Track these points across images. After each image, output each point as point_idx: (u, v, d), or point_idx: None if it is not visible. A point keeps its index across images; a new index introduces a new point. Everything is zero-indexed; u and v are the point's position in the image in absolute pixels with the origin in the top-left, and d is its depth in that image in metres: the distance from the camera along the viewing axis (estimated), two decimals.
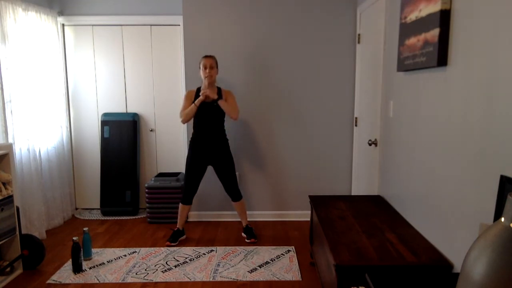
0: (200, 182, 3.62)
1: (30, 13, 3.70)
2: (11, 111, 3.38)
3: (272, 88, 4.02)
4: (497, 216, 1.39)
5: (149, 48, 4.35)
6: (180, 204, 3.60)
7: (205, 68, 3.40)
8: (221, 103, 3.42)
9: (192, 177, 3.52)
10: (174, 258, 3.25)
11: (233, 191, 3.60)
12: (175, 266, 3.10)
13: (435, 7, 1.96)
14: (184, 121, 3.46)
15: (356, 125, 3.96)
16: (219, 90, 3.51)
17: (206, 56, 3.43)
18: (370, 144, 3.21)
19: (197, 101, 3.39)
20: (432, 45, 1.99)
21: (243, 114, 4.05)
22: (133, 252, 3.36)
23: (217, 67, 3.48)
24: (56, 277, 2.94)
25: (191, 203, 3.60)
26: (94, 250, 3.40)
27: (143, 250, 3.40)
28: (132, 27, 4.32)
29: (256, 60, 3.98)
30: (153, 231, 3.87)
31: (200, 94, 3.38)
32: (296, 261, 3.18)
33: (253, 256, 3.27)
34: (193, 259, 3.22)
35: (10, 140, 3.37)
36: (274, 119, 4.07)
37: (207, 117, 3.45)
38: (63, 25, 4.32)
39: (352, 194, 4.12)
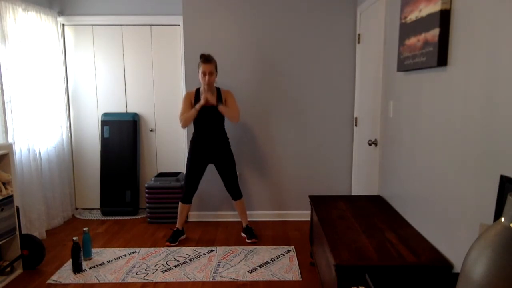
0: (200, 181, 3.61)
1: (30, 13, 3.70)
2: (11, 111, 3.38)
3: (272, 88, 4.02)
4: (497, 216, 1.39)
5: (149, 48, 4.35)
6: (180, 203, 3.60)
7: (204, 74, 3.33)
8: (221, 108, 3.38)
9: (192, 176, 3.52)
10: (174, 258, 3.25)
11: (234, 190, 3.60)
12: (175, 266, 3.10)
13: (435, 7, 1.96)
14: (184, 126, 3.42)
15: (356, 125, 3.96)
16: (218, 91, 3.49)
17: (205, 61, 3.33)
18: (370, 144, 3.21)
19: (197, 106, 3.34)
20: (432, 45, 1.99)
21: (243, 114, 4.05)
22: (133, 252, 3.36)
23: (216, 71, 3.41)
24: (56, 277, 2.94)
25: (191, 202, 3.60)
26: (94, 250, 3.40)
27: (143, 250, 3.40)
28: (132, 27, 4.32)
29: (256, 60, 3.98)
30: (153, 231, 3.87)
31: (201, 98, 3.35)
32: (296, 261, 3.18)
33: (253, 256, 3.27)
34: (193, 259, 3.22)
35: (10, 140, 3.37)
36: (274, 119, 4.07)
37: (207, 118, 3.44)
38: (63, 25, 4.32)
39: (352, 194, 4.12)
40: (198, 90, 3.49)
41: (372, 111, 3.32)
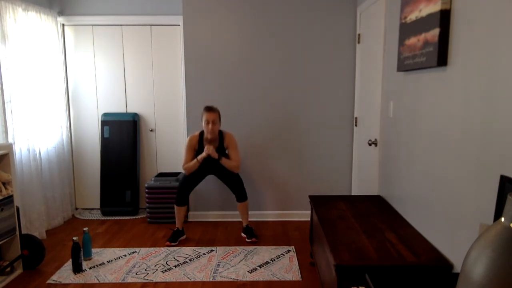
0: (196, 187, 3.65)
1: (30, 13, 3.70)
2: (11, 111, 3.37)
3: (272, 87, 4.02)
4: (497, 216, 1.39)
5: (149, 48, 4.35)
6: (175, 206, 3.61)
7: (208, 123, 3.39)
8: (222, 162, 3.46)
9: (189, 183, 3.58)
10: (174, 258, 3.25)
11: (240, 192, 3.62)
12: (175, 266, 3.10)
13: (435, 7, 1.96)
14: (187, 174, 3.53)
15: (356, 125, 3.96)
16: (220, 136, 3.53)
17: (208, 110, 3.40)
18: (370, 144, 3.21)
19: (200, 158, 3.43)
20: (432, 45, 1.99)
21: (243, 114, 4.05)
22: (133, 252, 3.36)
23: (220, 120, 3.47)
24: (56, 277, 2.94)
25: (185, 204, 3.61)
26: (94, 250, 3.40)
27: (143, 250, 3.40)
28: (132, 27, 4.32)
29: (256, 60, 3.98)
30: (153, 231, 3.87)
31: (204, 147, 3.42)
32: (296, 261, 3.18)
33: (253, 256, 3.27)
34: (193, 259, 3.22)
35: (10, 140, 3.37)
36: (274, 119, 4.06)
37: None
38: (63, 25, 4.32)
39: (352, 194, 4.12)
40: (201, 134, 3.53)
41: (372, 111, 3.32)
